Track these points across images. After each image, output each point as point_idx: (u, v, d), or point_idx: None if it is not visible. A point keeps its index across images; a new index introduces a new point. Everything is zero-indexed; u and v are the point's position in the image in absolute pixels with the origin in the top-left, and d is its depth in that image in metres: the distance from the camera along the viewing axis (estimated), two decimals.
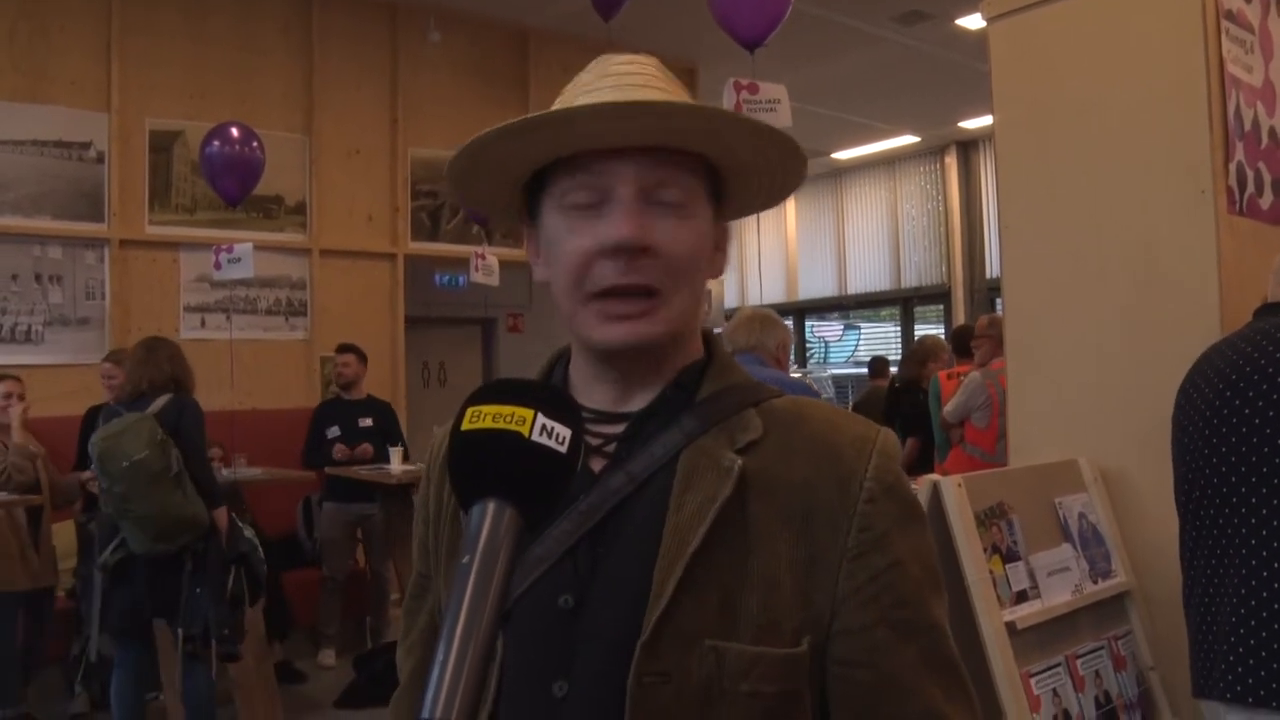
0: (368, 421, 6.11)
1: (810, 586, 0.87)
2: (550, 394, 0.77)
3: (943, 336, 9.80)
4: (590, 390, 0.97)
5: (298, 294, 6.97)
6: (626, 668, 0.84)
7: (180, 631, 3.92)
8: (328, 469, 5.96)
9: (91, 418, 4.66)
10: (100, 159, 6.26)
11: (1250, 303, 2.16)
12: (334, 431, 6.11)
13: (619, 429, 0.95)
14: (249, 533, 4.47)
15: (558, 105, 0.93)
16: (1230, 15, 2.52)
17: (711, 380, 0.96)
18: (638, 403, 0.95)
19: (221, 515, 4.10)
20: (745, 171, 0.97)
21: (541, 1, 7.50)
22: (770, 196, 1.04)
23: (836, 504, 0.89)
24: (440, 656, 0.65)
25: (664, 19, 7.26)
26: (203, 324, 6.53)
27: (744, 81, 4.47)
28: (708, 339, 1.01)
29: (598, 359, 0.96)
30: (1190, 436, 2.02)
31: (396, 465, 5.79)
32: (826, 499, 0.89)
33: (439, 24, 7.36)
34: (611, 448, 0.94)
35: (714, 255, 0.97)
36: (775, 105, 4.42)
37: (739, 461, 0.89)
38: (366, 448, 6.02)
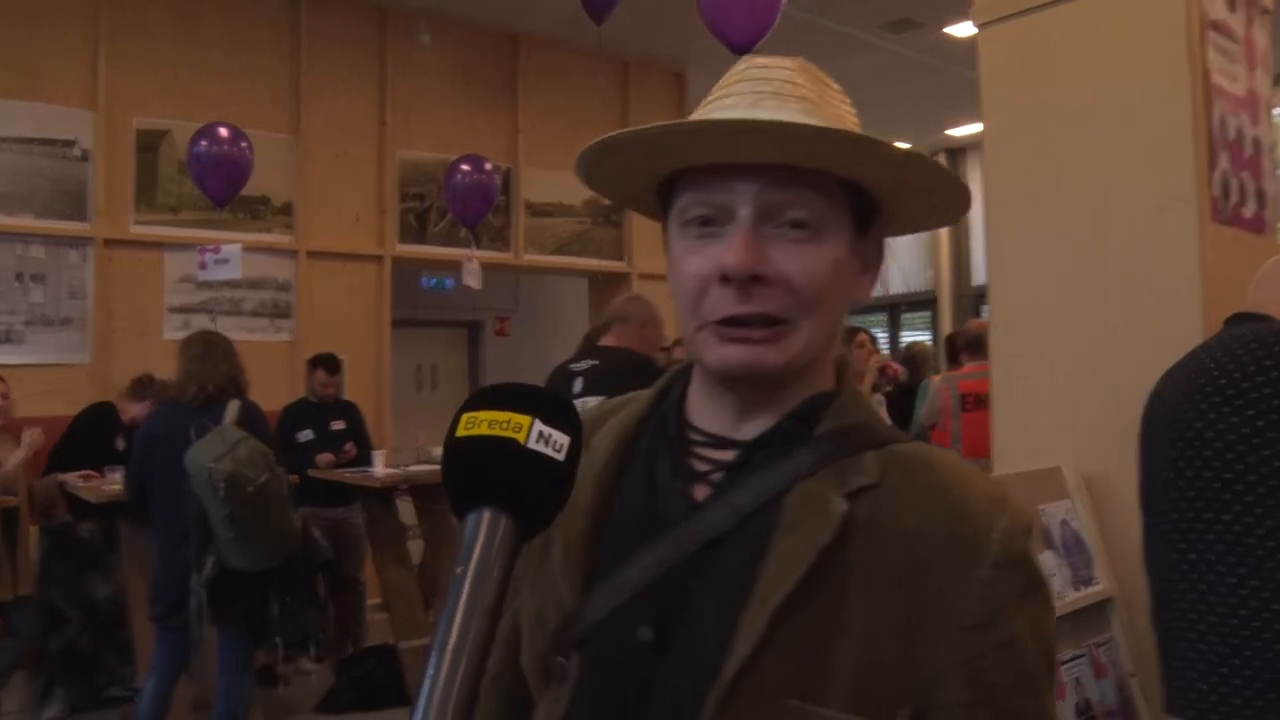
0: (341, 424, 6.07)
1: (914, 651, 0.79)
2: (549, 400, 0.75)
3: (930, 343, 9.83)
4: (705, 412, 0.92)
5: (284, 296, 6.94)
6: (694, 715, 0.78)
7: (280, 641, 3.89)
8: (310, 472, 5.94)
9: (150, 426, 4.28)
10: (85, 157, 6.22)
11: (1233, 311, 2.16)
12: (306, 435, 6.06)
13: (728, 456, 0.88)
14: (318, 535, 4.46)
15: (697, 109, 0.88)
16: (1215, 25, 2.53)
17: (834, 416, 0.88)
18: (751, 430, 0.89)
19: (297, 521, 4.08)
20: (894, 191, 0.89)
21: (532, 5, 7.49)
22: (932, 217, 0.96)
23: (955, 564, 0.80)
24: (430, 672, 0.63)
25: (655, 23, 7.28)
26: (187, 325, 6.47)
27: None
28: (840, 370, 0.93)
29: (716, 380, 0.89)
30: (1149, 445, 2.03)
31: (380, 468, 5.76)
32: (944, 557, 0.80)
33: (429, 27, 7.36)
34: (718, 476, 0.88)
35: (858, 279, 0.90)
36: None
37: (844, 506, 0.81)
38: (351, 449, 6.00)
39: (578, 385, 3.66)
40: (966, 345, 5.63)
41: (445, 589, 0.68)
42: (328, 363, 6.13)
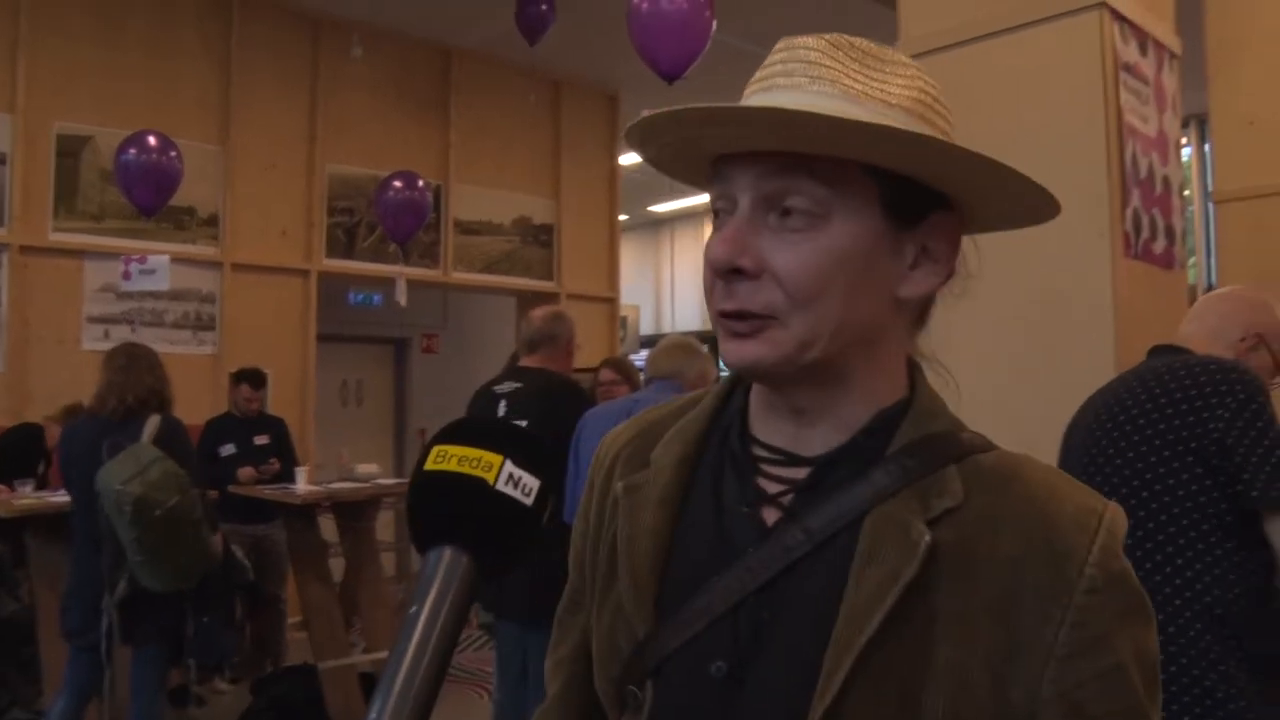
0: (264, 439, 5.96)
1: (1008, 684, 0.73)
2: (523, 439, 0.73)
3: None
4: (766, 423, 0.86)
5: (207, 308, 6.81)
6: None
7: (192, 662, 3.79)
8: (230, 488, 5.82)
9: (67, 436, 4.14)
10: (2, 160, 6.06)
11: (1144, 343, 2.24)
12: (228, 449, 5.95)
13: (800, 474, 0.83)
14: (239, 555, 4.36)
15: (746, 91, 0.85)
16: (1128, 68, 2.62)
17: (910, 427, 0.82)
18: (821, 445, 0.83)
19: (217, 541, 3.98)
20: (941, 178, 0.82)
21: (466, 23, 7.48)
22: (1014, 215, 0.89)
23: (1047, 588, 0.74)
24: (375, 709, 0.62)
25: (588, 45, 7.31)
26: (106, 335, 6.33)
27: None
28: (914, 375, 0.88)
29: (761, 385, 0.86)
30: (1066, 469, 2.10)
31: (302, 485, 5.67)
32: (1035, 581, 0.74)
33: (362, 41, 7.30)
34: (789, 498, 0.82)
35: (906, 272, 0.83)
36: None
37: (927, 536, 0.75)
38: (274, 464, 5.89)
39: (502, 408, 3.63)
40: None
41: (366, 608, 0.67)
42: (252, 378, 6.02)
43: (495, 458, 0.70)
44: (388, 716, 0.62)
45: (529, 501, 0.71)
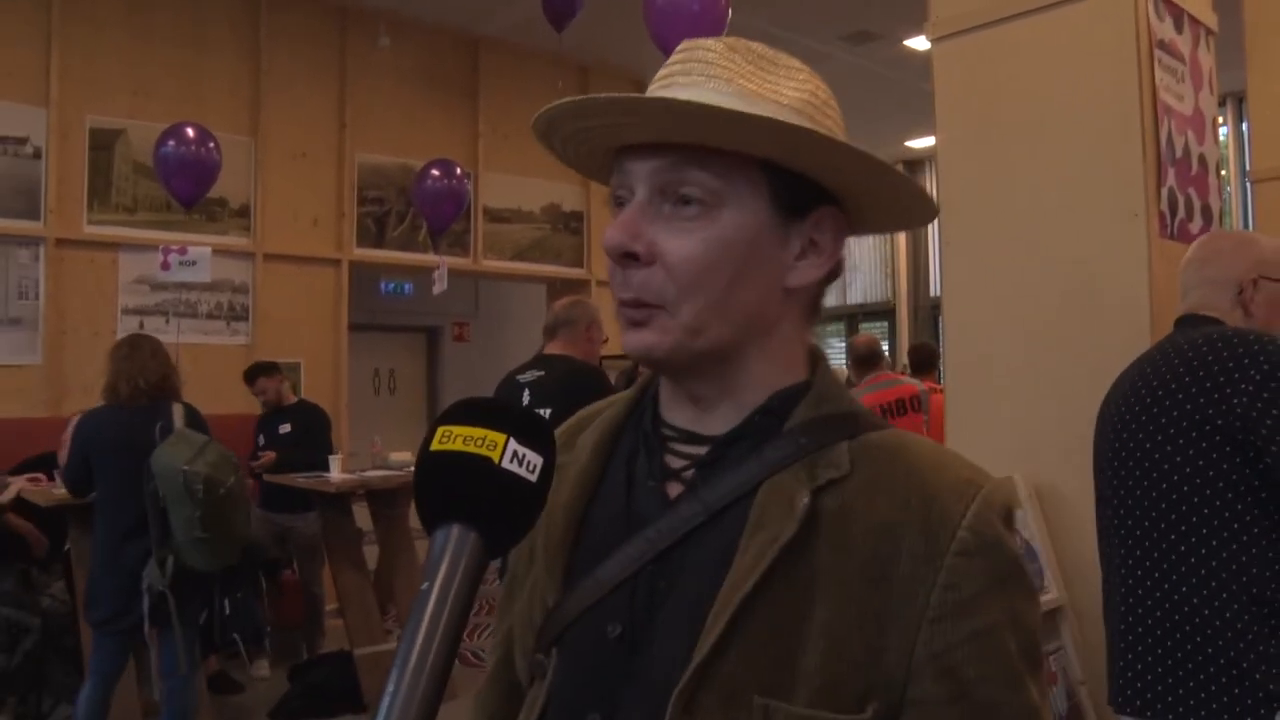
0: (287, 427, 6.03)
1: (884, 645, 0.76)
2: (526, 418, 0.74)
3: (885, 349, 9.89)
4: (672, 406, 0.91)
5: (240, 298, 6.87)
6: (661, 713, 0.77)
7: (237, 637, 3.88)
8: (265, 476, 5.89)
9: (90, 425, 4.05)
10: (37, 155, 6.13)
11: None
12: (261, 441, 6.08)
13: (702, 452, 0.87)
14: (255, 533, 4.48)
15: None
16: (1163, 45, 2.58)
17: (806, 408, 0.86)
18: (721, 425, 0.87)
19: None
20: (829, 175, 0.86)
21: (492, 10, 7.48)
22: (893, 214, 0.91)
23: (921, 552, 0.77)
24: (390, 688, 0.63)
25: (614, 32, 7.28)
26: (141, 327, 6.37)
27: None
28: (815, 362, 0.91)
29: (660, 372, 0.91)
30: (1100, 451, 2.09)
31: (336, 473, 5.72)
32: (911, 547, 0.78)
33: (389, 30, 7.32)
34: (690, 473, 0.87)
35: (793, 262, 0.86)
36: None
37: (806, 498, 0.79)
38: (269, 456, 5.94)
39: (525, 396, 3.64)
40: (855, 364, 5.65)
41: (400, 594, 0.68)
42: (249, 375, 6.13)
43: (499, 436, 0.71)
44: (403, 693, 0.63)
45: (534, 478, 0.72)
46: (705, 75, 0.83)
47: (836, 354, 12.92)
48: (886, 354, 5.45)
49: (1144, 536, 1.96)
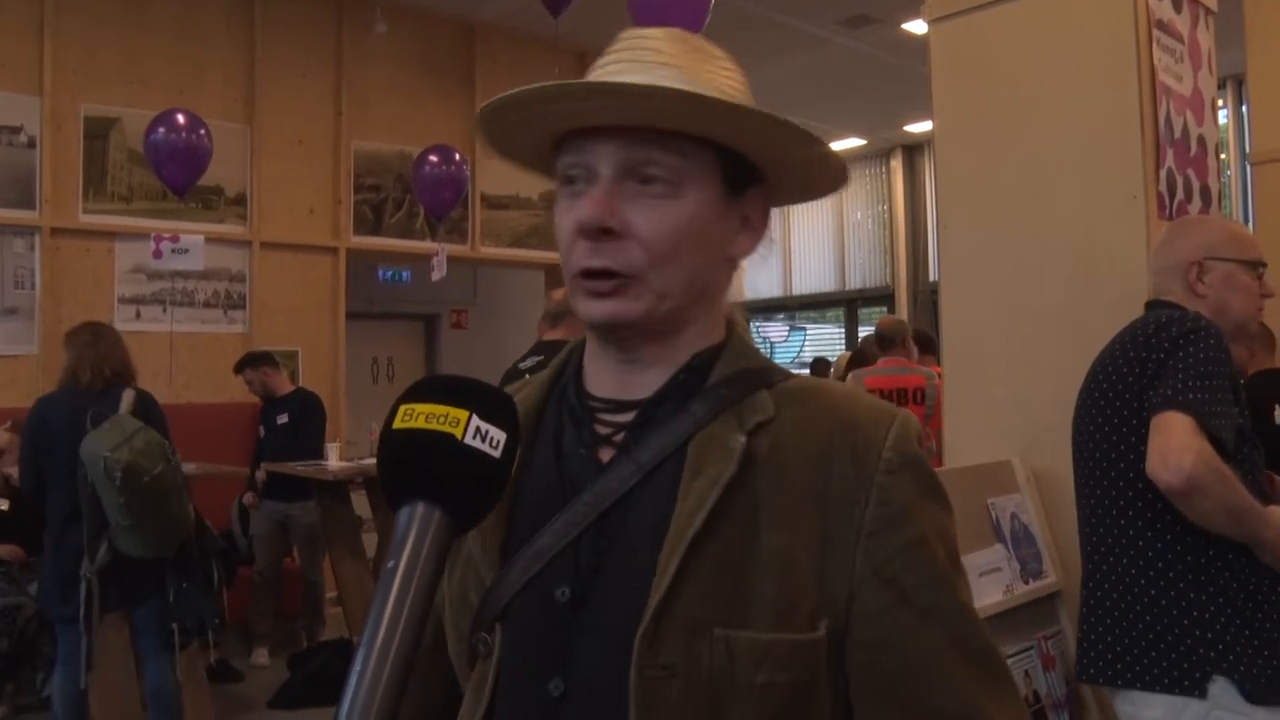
0: (284, 418, 6.03)
1: (827, 564, 0.83)
2: (488, 394, 0.75)
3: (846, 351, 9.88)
4: (598, 377, 0.95)
5: (237, 287, 6.85)
6: (625, 658, 0.80)
7: (175, 626, 3.90)
8: (263, 464, 5.89)
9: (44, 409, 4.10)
10: (32, 144, 6.10)
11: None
12: (261, 432, 6.09)
13: (628, 417, 0.91)
14: (209, 524, 4.47)
15: (586, 76, 0.93)
16: (1161, 25, 2.56)
17: (725, 364, 0.93)
18: (647, 389, 0.92)
19: (192, 511, 4.06)
20: (762, 153, 0.93)
21: None
22: (811, 186, 1.00)
23: (852, 476, 0.85)
24: (358, 667, 0.63)
25: (611, 18, 7.23)
26: (138, 316, 6.39)
27: None
28: (731, 323, 0.98)
29: (598, 340, 0.95)
30: (1074, 429, 2.15)
31: (334, 461, 5.71)
32: (842, 472, 0.85)
33: (385, 16, 7.27)
34: (620, 437, 0.91)
35: (735, 235, 0.94)
36: None
37: (742, 439, 0.85)
38: (252, 500, 5.97)
39: None
40: (877, 342, 5.73)
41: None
42: (237, 367, 6.13)
43: (462, 413, 0.72)
44: (370, 673, 0.62)
45: (497, 454, 0.72)
46: (658, 62, 0.89)
47: (835, 341, 12.92)
48: (909, 340, 5.50)
49: (1092, 515, 2.07)
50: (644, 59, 0.90)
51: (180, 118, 5.79)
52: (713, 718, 0.80)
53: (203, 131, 5.85)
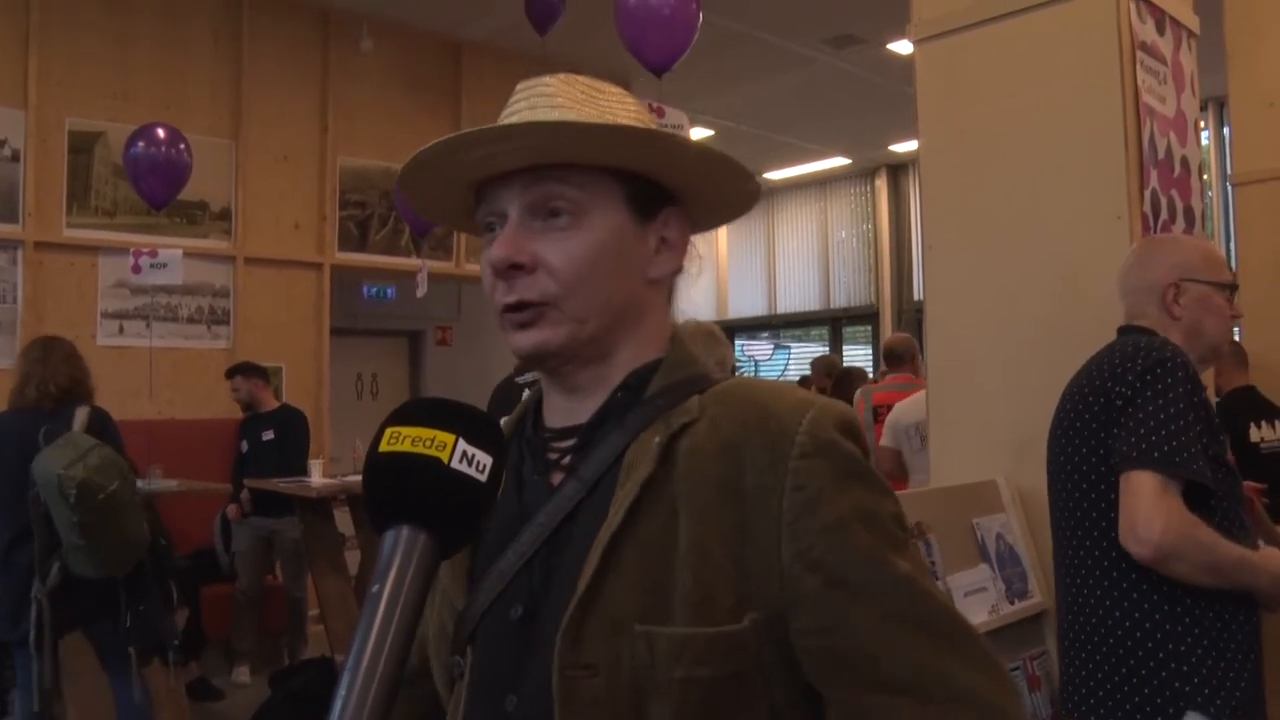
0: (269, 434, 6.00)
1: (747, 555, 0.83)
2: (474, 417, 0.75)
3: (870, 356, 9.91)
4: (551, 409, 0.99)
5: (221, 302, 6.82)
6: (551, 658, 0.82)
7: (133, 649, 3.81)
8: (245, 481, 5.86)
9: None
10: (15, 157, 6.07)
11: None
12: (244, 447, 6.04)
13: (573, 442, 0.95)
14: (163, 541, 4.40)
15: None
16: (1145, 47, 2.58)
17: (662, 375, 0.95)
18: (589, 413, 0.95)
19: (147, 530, 3.97)
20: (665, 174, 0.97)
21: (476, 14, 7.46)
22: (727, 203, 1.03)
23: (765, 464, 0.85)
24: (343, 692, 0.63)
25: (598, 36, 7.26)
26: (121, 331, 6.36)
27: (654, 104, 4.53)
28: (674, 337, 1.00)
29: (542, 373, 0.99)
30: (1048, 459, 2.12)
31: (317, 478, 5.68)
32: (754, 459, 0.85)
33: (372, 33, 7.28)
34: (567, 460, 0.94)
35: (653, 256, 0.97)
36: (678, 130, 4.49)
37: (660, 439, 0.88)
38: (235, 511, 5.93)
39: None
40: (886, 358, 5.77)
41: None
42: (229, 372, 6.11)
43: (448, 437, 0.72)
44: (354, 699, 0.61)
45: (483, 478, 0.72)
46: (550, 106, 0.94)
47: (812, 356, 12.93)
48: (918, 357, 5.55)
49: (1065, 546, 2.03)
50: (536, 104, 0.95)
51: (160, 132, 5.76)
52: (636, 715, 0.81)
53: (183, 146, 5.83)
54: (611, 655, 0.81)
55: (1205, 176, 2.95)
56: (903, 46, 7.74)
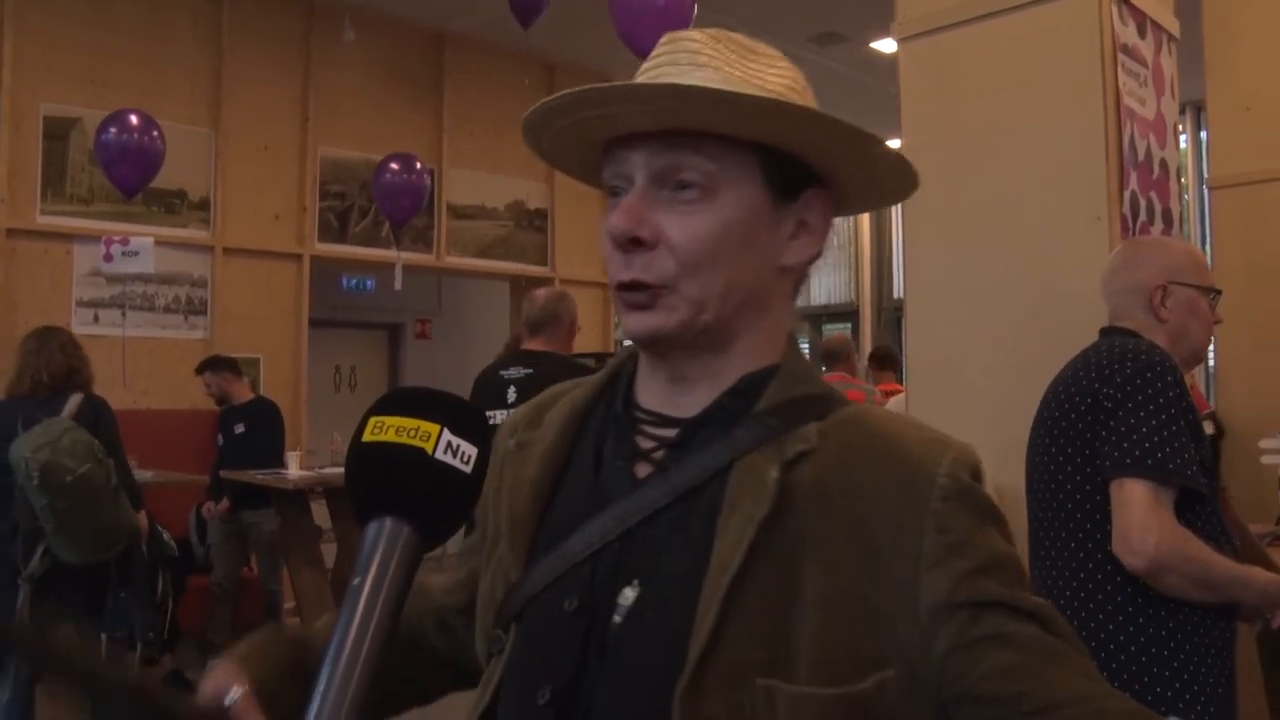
0: (240, 427, 5.97)
1: (878, 602, 0.78)
2: (459, 408, 0.73)
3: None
4: (647, 389, 0.92)
5: (198, 292, 6.77)
6: (655, 700, 0.76)
7: (103, 636, 3.78)
8: (221, 473, 5.82)
9: None
10: None
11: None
12: (220, 440, 6.02)
13: (670, 434, 0.88)
14: (166, 535, 4.38)
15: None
16: (1126, 49, 2.60)
17: (777, 389, 0.87)
18: (691, 406, 0.89)
19: (142, 518, 4.01)
20: (813, 153, 0.88)
21: (459, 7, 7.43)
22: (875, 189, 0.95)
23: (900, 506, 0.79)
24: (321, 686, 0.62)
25: (582, 30, 7.26)
26: (96, 319, 6.30)
27: None
28: (789, 344, 0.93)
29: (644, 352, 0.92)
30: (1027, 459, 2.12)
31: (294, 470, 5.65)
32: (887, 500, 0.80)
33: (354, 23, 7.24)
34: (660, 454, 0.88)
35: (786, 242, 0.89)
36: None
37: (775, 473, 0.81)
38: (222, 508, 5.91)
39: (511, 394, 3.58)
40: (823, 357, 5.80)
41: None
42: (199, 368, 6.08)
43: (433, 427, 0.70)
44: (333, 693, 0.61)
45: (468, 469, 0.71)
46: (693, 64, 0.86)
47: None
48: (854, 356, 5.57)
49: (1043, 549, 2.01)
50: (679, 61, 0.87)
51: (133, 118, 5.70)
52: None
53: (156, 133, 5.76)
54: (733, 707, 0.75)
55: (1183, 180, 2.97)
56: (885, 45, 7.76)
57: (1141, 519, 1.76)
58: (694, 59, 0.86)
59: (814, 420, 0.85)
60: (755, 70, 0.87)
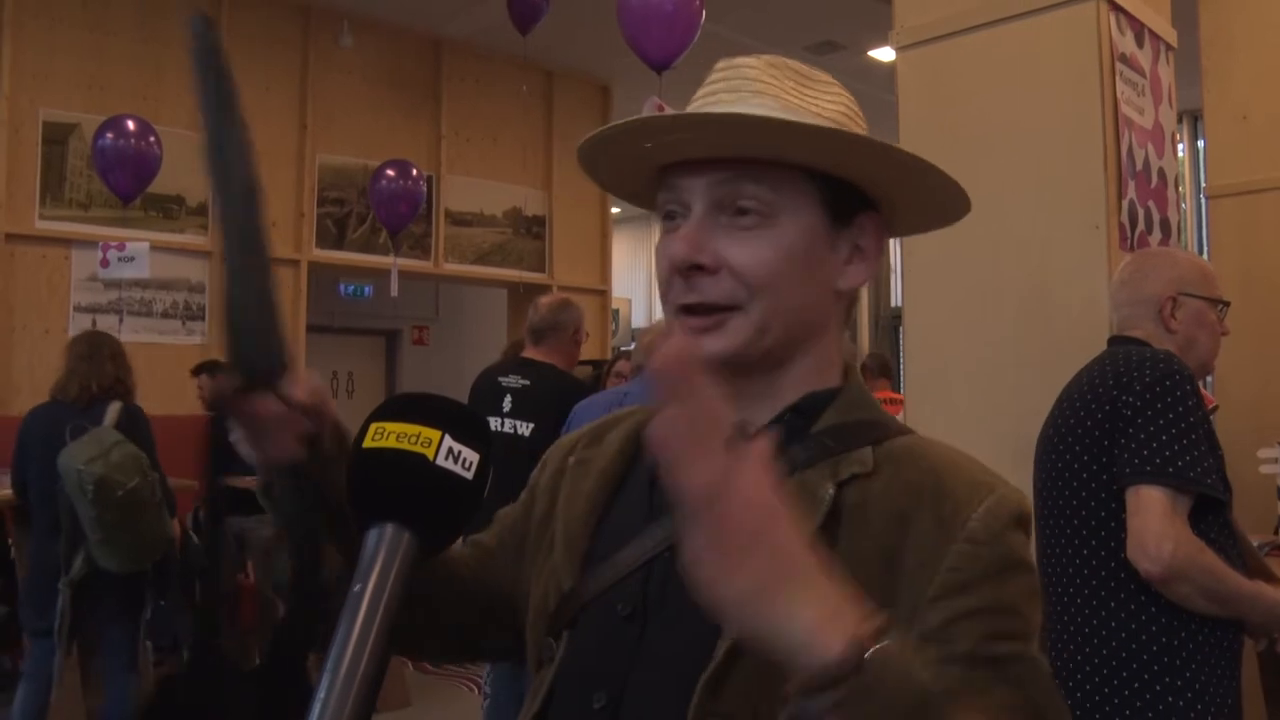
0: (234, 434, 5.94)
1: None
2: (461, 414, 0.73)
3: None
4: None
5: (196, 297, 6.76)
6: (685, 698, 0.78)
7: (150, 644, 3.81)
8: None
9: (29, 421, 4.06)
10: None
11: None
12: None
13: None
14: (198, 541, 4.39)
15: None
16: (1124, 59, 2.60)
17: (836, 412, 0.89)
18: (754, 423, 0.89)
19: (175, 526, 4.05)
20: (868, 179, 0.90)
21: (457, 12, 7.43)
22: (930, 212, 0.97)
23: (931, 542, 0.80)
24: (321, 694, 0.62)
25: (580, 36, 7.28)
26: (94, 325, 6.24)
27: (659, 101, 4.51)
28: (848, 369, 0.95)
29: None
30: (1037, 466, 2.11)
31: None
32: (922, 535, 0.80)
33: (352, 29, 7.25)
34: None
35: (842, 266, 0.91)
36: None
37: (831, 490, 0.82)
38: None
39: (507, 403, 3.56)
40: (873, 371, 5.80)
41: None
42: (195, 370, 6.07)
43: (434, 433, 0.70)
44: (334, 700, 0.60)
45: (469, 476, 0.71)
46: (751, 91, 0.87)
47: None
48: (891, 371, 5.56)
49: (1060, 556, 1.99)
50: (738, 88, 0.88)
51: (130, 124, 5.71)
52: None
53: (152, 138, 5.77)
54: (749, 709, 0.77)
55: (1181, 189, 2.97)
56: (883, 54, 7.77)
57: (1159, 526, 1.77)
58: (751, 85, 0.88)
59: (869, 445, 0.86)
60: (812, 98, 0.89)
